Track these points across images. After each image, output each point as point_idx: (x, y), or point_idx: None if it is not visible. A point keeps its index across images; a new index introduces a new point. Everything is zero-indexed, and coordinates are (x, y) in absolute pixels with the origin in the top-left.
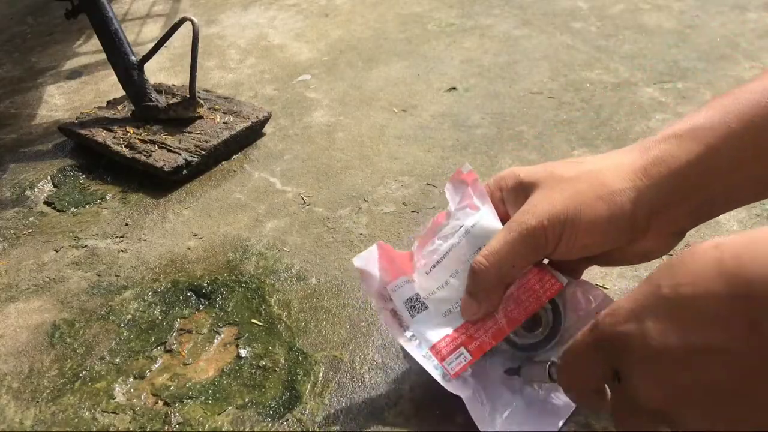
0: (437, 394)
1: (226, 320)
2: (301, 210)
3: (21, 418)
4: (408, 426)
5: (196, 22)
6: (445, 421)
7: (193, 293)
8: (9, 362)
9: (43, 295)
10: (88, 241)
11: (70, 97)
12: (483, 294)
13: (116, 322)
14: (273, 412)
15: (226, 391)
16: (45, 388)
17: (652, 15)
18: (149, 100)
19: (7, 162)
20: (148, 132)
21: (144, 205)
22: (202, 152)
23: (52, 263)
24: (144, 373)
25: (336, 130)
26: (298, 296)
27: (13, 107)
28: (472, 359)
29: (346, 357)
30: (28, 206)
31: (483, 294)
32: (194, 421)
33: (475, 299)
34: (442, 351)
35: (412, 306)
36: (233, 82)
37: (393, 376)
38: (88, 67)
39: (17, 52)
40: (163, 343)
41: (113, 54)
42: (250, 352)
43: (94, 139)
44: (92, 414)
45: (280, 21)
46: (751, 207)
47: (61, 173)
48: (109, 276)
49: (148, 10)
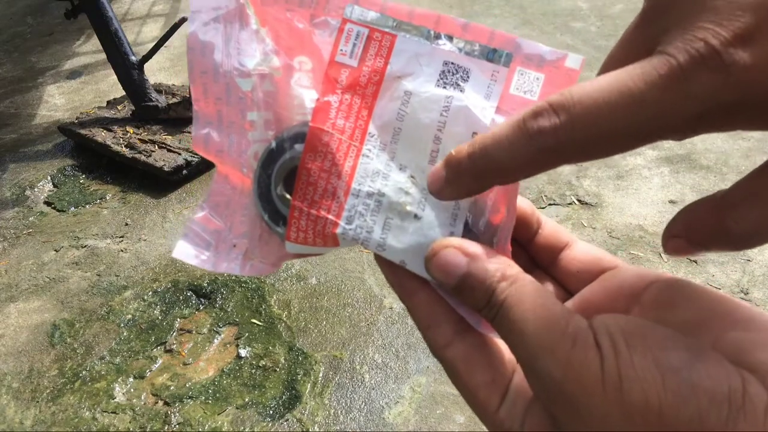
0: (437, 394)
1: (226, 320)
2: None
3: (21, 418)
4: (408, 426)
5: None
6: (445, 421)
7: (193, 293)
8: (9, 362)
9: (43, 295)
10: (88, 241)
11: (70, 97)
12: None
13: (116, 322)
14: (273, 412)
15: (226, 391)
16: (45, 388)
17: None
18: (149, 100)
19: (7, 162)
20: (148, 132)
21: (144, 205)
22: None
23: (52, 263)
24: (144, 373)
25: None
26: (298, 296)
27: (13, 107)
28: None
29: (346, 357)
30: (28, 206)
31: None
32: (194, 421)
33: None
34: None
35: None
36: None
37: (393, 376)
38: (88, 67)
39: (17, 52)
40: (163, 343)
41: (113, 54)
42: (250, 352)
43: (94, 139)
44: (92, 414)
45: None
46: None
47: (61, 173)
48: (109, 276)
49: (148, 10)
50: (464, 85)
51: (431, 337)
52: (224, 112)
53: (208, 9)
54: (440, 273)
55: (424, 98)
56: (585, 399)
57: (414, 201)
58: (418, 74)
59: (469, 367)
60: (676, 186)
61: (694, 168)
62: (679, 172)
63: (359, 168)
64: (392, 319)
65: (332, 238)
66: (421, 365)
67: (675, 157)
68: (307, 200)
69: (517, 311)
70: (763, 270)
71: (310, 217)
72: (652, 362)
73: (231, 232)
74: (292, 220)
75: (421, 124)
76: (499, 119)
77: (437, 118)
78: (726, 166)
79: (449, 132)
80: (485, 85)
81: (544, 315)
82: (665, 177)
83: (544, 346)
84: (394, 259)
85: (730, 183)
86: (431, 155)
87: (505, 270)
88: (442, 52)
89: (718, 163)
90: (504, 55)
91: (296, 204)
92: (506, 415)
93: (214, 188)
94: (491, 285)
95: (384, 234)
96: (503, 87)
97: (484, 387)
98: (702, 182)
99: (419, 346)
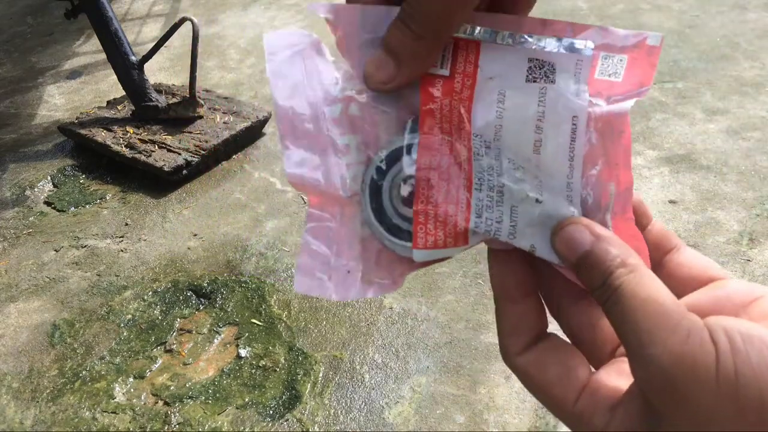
0: (437, 394)
1: (226, 320)
2: (301, 210)
3: (21, 418)
4: (408, 426)
5: (196, 22)
6: (445, 421)
7: (193, 293)
8: (9, 362)
9: (43, 295)
10: (88, 241)
11: (70, 97)
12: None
13: (116, 322)
14: (273, 412)
15: (226, 391)
16: (45, 388)
17: (652, 15)
18: (149, 100)
19: (7, 162)
20: (148, 132)
21: (144, 205)
22: (202, 152)
23: (52, 263)
24: (144, 373)
25: None
26: (298, 296)
27: (13, 107)
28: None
29: (346, 357)
30: (28, 206)
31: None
32: (194, 421)
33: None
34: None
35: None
36: (233, 81)
37: (393, 376)
38: (88, 67)
39: (17, 52)
40: (163, 343)
41: (113, 54)
42: (250, 352)
43: (94, 139)
44: (92, 414)
45: (281, 21)
46: (751, 207)
47: (61, 173)
48: (109, 276)
49: (148, 10)
50: (553, 77)
51: (509, 344)
52: (316, 142)
53: (283, 48)
54: (564, 247)
55: (519, 94)
56: (695, 391)
57: (532, 187)
58: (506, 74)
59: (541, 367)
60: (676, 186)
61: (694, 168)
62: (679, 172)
63: (474, 165)
64: (392, 319)
65: (463, 235)
66: (421, 365)
67: (675, 157)
68: (431, 203)
69: (631, 299)
70: (763, 270)
71: (437, 218)
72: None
73: (340, 259)
74: (417, 226)
75: (521, 118)
76: (596, 100)
77: (535, 109)
78: (726, 166)
79: (549, 120)
80: (572, 74)
81: (658, 306)
82: (665, 177)
83: (657, 335)
84: (524, 246)
85: (730, 182)
86: (534, 145)
87: (626, 257)
88: (525, 50)
89: (718, 163)
90: (585, 44)
91: (420, 209)
92: (585, 408)
93: (313, 215)
94: (609, 268)
95: (513, 221)
96: (589, 73)
97: (558, 383)
98: (702, 182)
99: (419, 346)
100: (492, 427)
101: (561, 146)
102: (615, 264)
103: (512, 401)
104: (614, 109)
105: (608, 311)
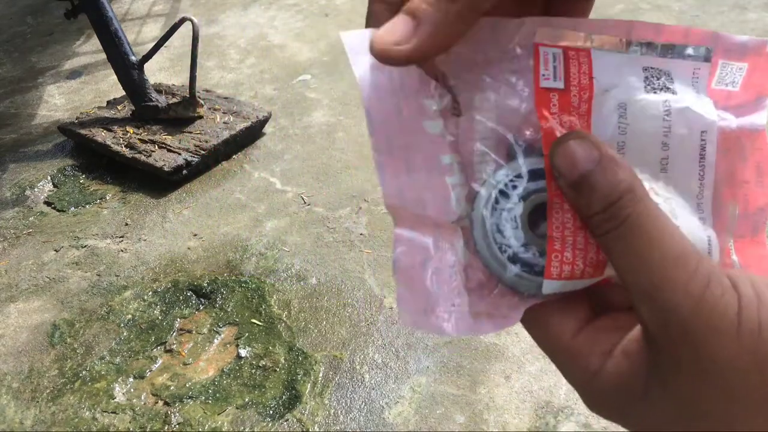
0: (437, 394)
1: (226, 320)
2: (301, 210)
3: (21, 418)
4: (408, 426)
5: (196, 22)
6: (445, 421)
7: (193, 293)
8: (9, 362)
9: (43, 295)
10: (88, 241)
11: (70, 97)
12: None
13: (116, 322)
14: (273, 412)
15: (226, 391)
16: (45, 388)
17: (652, 15)
18: (149, 100)
19: (7, 162)
20: (148, 132)
21: (144, 205)
22: (202, 152)
23: (52, 263)
24: (144, 373)
25: (336, 130)
26: (298, 296)
27: (13, 107)
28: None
29: (346, 357)
30: (28, 206)
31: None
32: (194, 421)
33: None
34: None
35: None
36: (233, 81)
37: (393, 376)
38: (88, 67)
39: (17, 52)
40: (163, 343)
41: (113, 54)
42: (250, 352)
43: (94, 139)
44: (92, 414)
45: (280, 21)
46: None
47: (61, 173)
48: (109, 276)
49: (148, 10)
50: (673, 87)
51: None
52: (415, 161)
53: (366, 50)
54: (564, 162)
55: (640, 107)
56: (713, 340)
57: (661, 201)
58: (623, 85)
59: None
60: None
61: None
62: None
63: None
64: (392, 319)
65: (603, 264)
66: (421, 365)
67: None
68: (568, 229)
69: (643, 234)
70: None
71: (576, 245)
72: None
73: (441, 289)
74: (552, 254)
75: (646, 133)
76: (724, 114)
77: (661, 124)
78: None
79: (676, 135)
80: (690, 84)
81: (675, 246)
82: None
83: (674, 278)
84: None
85: None
86: (661, 163)
87: (634, 184)
88: (639, 58)
89: None
90: (704, 51)
91: (555, 235)
92: (583, 345)
93: (401, 238)
94: (615, 192)
95: None
96: (707, 82)
97: (558, 311)
98: None
99: (419, 345)
100: (492, 427)
101: (690, 164)
102: (622, 188)
103: (512, 401)
104: (745, 124)
105: (611, 244)
